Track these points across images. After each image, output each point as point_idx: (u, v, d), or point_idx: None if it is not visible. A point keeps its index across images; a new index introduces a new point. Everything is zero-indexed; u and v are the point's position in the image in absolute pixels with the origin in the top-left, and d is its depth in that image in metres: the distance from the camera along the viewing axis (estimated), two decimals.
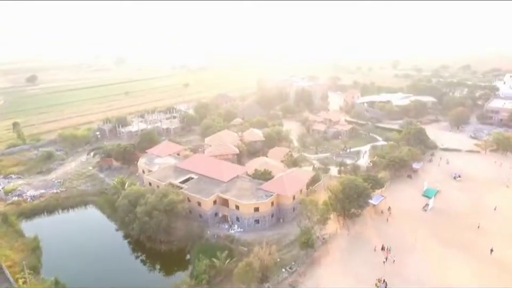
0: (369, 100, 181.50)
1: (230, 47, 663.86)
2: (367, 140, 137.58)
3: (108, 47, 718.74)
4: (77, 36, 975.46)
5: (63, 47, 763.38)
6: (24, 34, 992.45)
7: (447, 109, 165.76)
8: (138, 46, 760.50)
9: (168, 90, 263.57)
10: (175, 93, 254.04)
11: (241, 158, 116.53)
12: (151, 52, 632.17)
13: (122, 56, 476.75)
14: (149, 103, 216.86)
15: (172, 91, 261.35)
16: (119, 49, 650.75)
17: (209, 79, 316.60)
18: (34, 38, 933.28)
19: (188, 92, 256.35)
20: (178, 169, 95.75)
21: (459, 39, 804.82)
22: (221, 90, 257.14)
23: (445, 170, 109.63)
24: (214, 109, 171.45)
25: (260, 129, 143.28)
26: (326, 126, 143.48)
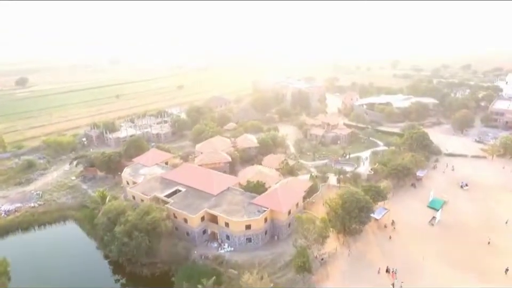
0: (368, 102, 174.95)
1: (228, 47, 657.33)
2: (367, 145, 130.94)
3: (106, 47, 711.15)
4: (75, 36, 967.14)
5: (60, 47, 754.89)
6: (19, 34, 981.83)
7: (450, 110, 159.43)
8: (136, 46, 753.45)
9: (163, 93, 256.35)
10: (169, 95, 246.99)
11: (234, 166, 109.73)
12: (149, 52, 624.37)
13: (119, 57, 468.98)
14: (141, 107, 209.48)
15: (166, 93, 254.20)
16: (117, 50, 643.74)
17: (205, 81, 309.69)
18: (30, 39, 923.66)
19: (183, 94, 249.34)
20: (164, 181, 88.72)
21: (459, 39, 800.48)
22: (217, 92, 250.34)
23: (450, 178, 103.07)
24: (207, 112, 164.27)
25: (254, 134, 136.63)
26: (324, 131, 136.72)
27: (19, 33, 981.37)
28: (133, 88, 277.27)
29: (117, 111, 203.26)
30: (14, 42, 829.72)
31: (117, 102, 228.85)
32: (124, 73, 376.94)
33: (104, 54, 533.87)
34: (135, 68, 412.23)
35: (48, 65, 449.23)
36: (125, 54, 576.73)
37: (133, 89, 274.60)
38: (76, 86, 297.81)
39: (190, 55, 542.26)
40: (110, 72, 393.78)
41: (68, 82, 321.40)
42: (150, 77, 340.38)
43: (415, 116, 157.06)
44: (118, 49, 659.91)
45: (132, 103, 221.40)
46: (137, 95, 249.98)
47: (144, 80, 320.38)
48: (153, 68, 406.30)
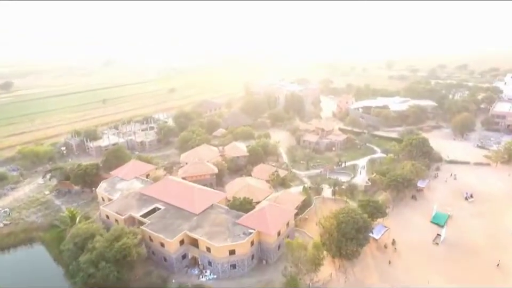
0: (364, 105, 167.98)
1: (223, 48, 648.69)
2: (364, 152, 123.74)
3: (100, 48, 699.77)
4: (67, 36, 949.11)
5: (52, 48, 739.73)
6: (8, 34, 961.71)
7: (449, 113, 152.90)
8: (130, 47, 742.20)
9: (153, 96, 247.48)
10: (160, 98, 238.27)
11: (222, 177, 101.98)
12: (143, 53, 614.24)
13: (113, 58, 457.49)
14: (129, 111, 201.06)
15: (157, 97, 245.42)
16: (111, 51, 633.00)
17: (199, 83, 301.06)
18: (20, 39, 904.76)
19: (174, 97, 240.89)
20: (143, 197, 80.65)
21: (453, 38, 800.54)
22: (209, 95, 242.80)
23: (453, 188, 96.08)
24: (196, 117, 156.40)
25: (245, 141, 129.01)
26: (318, 137, 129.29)
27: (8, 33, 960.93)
28: (123, 92, 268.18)
29: (103, 116, 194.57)
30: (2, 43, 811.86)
31: (105, 107, 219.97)
32: (116, 75, 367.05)
33: (98, 55, 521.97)
34: (128, 69, 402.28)
35: (37, 68, 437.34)
36: (119, 55, 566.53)
37: (123, 92, 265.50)
38: (65, 90, 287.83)
39: (184, 56, 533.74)
40: (102, 74, 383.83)
41: (57, 86, 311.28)
42: (142, 79, 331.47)
43: (413, 119, 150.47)
44: (112, 50, 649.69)
45: (120, 108, 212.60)
46: (126, 98, 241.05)
47: (136, 83, 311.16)
48: (147, 69, 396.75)
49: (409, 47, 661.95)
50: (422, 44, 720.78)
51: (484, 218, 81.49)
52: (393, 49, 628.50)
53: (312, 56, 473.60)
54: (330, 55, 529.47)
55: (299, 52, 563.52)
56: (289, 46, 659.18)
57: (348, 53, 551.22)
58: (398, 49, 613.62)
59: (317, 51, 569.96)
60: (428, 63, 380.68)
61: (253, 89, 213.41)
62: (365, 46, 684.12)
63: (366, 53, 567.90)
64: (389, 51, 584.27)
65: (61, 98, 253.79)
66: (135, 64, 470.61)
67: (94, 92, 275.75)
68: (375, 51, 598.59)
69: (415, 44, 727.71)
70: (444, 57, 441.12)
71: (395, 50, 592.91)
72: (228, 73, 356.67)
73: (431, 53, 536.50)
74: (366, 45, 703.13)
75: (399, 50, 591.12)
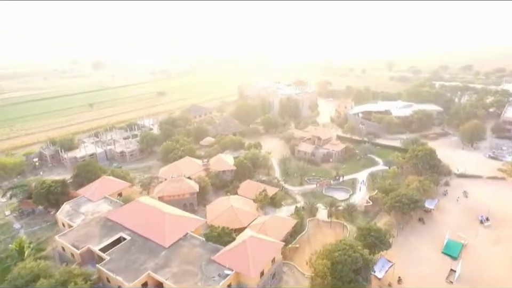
0: (364, 110, 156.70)
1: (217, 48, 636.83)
2: (364, 163, 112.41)
3: (90, 48, 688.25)
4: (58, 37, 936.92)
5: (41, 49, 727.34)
6: None
7: (456, 118, 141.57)
8: (121, 48, 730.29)
9: (142, 100, 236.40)
10: (148, 102, 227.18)
11: (205, 195, 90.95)
12: (135, 55, 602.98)
13: (103, 60, 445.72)
14: (114, 116, 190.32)
15: (146, 100, 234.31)
16: (101, 52, 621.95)
17: (190, 85, 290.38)
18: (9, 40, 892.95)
19: (163, 101, 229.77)
20: (108, 224, 69.51)
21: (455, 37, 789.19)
22: (200, 98, 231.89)
23: (466, 208, 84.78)
24: (183, 124, 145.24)
25: (234, 151, 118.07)
26: (314, 147, 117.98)
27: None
28: (113, 94, 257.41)
29: (88, 121, 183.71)
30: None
31: (92, 111, 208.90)
32: (108, 77, 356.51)
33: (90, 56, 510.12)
34: (120, 71, 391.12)
35: (27, 70, 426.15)
36: (111, 56, 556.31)
37: (113, 95, 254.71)
38: (52, 93, 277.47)
39: (179, 57, 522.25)
40: (93, 76, 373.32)
41: (45, 89, 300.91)
42: (134, 81, 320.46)
43: (417, 125, 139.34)
44: (105, 51, 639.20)
45: (107, 112, 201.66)
46: (115, 102, 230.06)
47: (127, 85, 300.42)
48: (140, 71, 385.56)
49: (409, 46, 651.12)
50: (422, 43, 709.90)
51: (504, 246, 70.33)
52: (392, 48, 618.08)
53: (310, 56, 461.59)
54: (328, 55, 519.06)
55: (296, 52, 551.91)
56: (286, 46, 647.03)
57: (346, 53, 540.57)
58: (397, 49, 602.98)
59: (314, 51, 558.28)
60: (429, 64, 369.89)
61: (247, 92, 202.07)
62: (363, 45, 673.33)
63: (365, 52, 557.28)
64: (388, 50, 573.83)
65: (47, 102, 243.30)
66: (128, 65, 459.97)
67: (83, 94, 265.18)
68: (374, 50, 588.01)
69: (415, 42, 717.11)
70: (445, 57, 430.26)
71: (395, 50, 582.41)
72: (222, 75, 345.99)
73: (432, 53, 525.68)
74: (365, 44, 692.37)
75: (398, 50, 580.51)
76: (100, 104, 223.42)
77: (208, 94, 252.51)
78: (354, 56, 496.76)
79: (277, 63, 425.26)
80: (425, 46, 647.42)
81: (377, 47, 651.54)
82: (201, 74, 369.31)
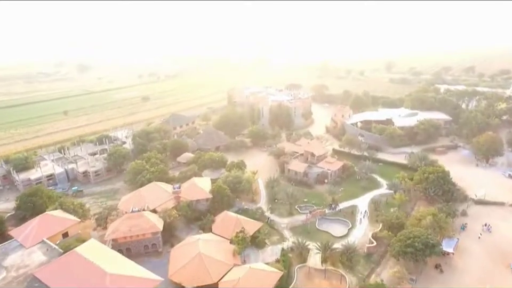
0: (363, 119, 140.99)
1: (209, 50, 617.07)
2: (365, 185, 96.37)
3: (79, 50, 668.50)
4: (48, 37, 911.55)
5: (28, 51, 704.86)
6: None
7: (466, 128, 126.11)
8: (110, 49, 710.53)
9: (122, 106, 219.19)
10: (129, 109, 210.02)
11: (173, 231, 74.94)
12: (122, 56, 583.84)
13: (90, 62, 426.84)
14: (88, 126, 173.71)
15: (127, 107, 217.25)
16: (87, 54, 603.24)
17: (177, 90, 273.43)
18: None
19: (145, 107, 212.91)
20: (33, 286, 53.08)
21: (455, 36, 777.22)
22: (185, 105, 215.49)
23: (492, 248, 69.09)
24: (161, 137, 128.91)
25: (215, 170, 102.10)
26: (307, 166, 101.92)
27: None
28: (92, 100, 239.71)
29: (57, 132, 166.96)
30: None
31: (66, 119, 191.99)
32: (92, 80, 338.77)
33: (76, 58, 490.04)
34: (105, 74, 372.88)
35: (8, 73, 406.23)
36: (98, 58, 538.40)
37: (92, 101, 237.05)
38: (29, 98, 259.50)
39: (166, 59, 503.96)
40: (76, 80, 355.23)
41: (22, 94, 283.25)
42: (118, 85, 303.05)
43: (423, 137, 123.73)
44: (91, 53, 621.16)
45: (81, 121, 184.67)
46: (92, 109, 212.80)
47: (110, 90, 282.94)
48: (126, 73, 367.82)
49: (407, 45, 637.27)
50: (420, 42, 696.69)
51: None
52: (391, 47, 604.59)
53: (305, 57, 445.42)
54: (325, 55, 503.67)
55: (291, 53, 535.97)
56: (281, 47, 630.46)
57: (343, 53, 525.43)
58: (396, 48, 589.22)
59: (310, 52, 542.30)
60: (428, 63, 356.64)
61: (236, 98, 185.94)
62: (361, 45, 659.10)
63: (362, 52, 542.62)
64: (386, 50, 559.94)
65: (22, 108, 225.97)
66: (116, 67, 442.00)
67: (62, 100, 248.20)
68: (372, 50, 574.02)
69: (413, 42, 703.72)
70: (445, 57, 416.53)
71: (393, 49, 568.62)
72: (213, 78, 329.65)
73: (431, 52, 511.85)
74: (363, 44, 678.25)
75: (397, 49, 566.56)
76: (77, 111, 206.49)
77: (196, 98, 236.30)
78: (351, 56, 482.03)
79: (271, 64, 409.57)
80: (424, 45, 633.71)
81: (375, 47, 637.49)
82: (192, 77, 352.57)
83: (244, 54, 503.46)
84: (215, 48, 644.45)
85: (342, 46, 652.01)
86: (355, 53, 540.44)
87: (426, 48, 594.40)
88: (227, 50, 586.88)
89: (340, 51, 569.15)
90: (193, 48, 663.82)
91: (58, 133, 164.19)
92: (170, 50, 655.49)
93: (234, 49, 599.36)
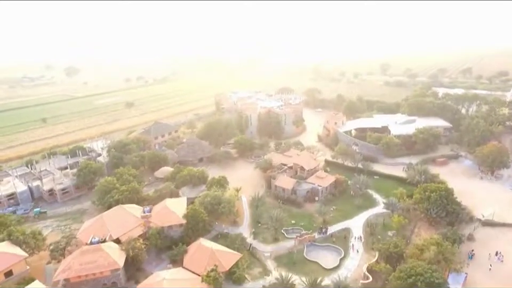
0: (358, 126, 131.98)
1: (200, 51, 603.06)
2: (360, 203, 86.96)
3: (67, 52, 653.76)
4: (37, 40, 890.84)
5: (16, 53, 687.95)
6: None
7: (467, 135, 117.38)
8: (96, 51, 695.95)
9: (106, 112, 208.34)
10: (113, 116, 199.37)
11: (139, 265, 65.00)
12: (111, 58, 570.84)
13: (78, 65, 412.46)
14: (66, 135, 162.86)
15: (111, 113, 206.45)
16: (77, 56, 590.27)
17: (164, 95, 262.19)
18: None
19: (129, 114, 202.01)
20: None
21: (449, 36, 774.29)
22: (172, 111, 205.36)
23: (505, 281, 59.88)
24: (139, 148, 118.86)
25: (194, 187, 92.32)
26: (296, 182, 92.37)
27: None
28: (74, 107, 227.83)
29: (36, 141, 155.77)
30: None
31: (45, 127, 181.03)
32: (77, 85, 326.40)
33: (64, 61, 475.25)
34: (92, 78, 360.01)
35: None
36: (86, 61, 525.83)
37: (74, 107, 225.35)
38: (9, 105, 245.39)
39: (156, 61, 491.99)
40: (62, 84, 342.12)
41: (3, 99, 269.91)
42: (104, 90, 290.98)
43: (422, 146, 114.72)
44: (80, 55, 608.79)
45: (59, 129, 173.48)
46: (72, 116, 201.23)
47: (94, 95, 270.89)
48: (113, 77, 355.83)
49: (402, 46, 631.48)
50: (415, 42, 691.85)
51: None
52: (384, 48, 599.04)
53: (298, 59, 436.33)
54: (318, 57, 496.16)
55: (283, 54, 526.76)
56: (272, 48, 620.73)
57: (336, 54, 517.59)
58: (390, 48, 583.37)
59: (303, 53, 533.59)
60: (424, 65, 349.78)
61: (224, 104, 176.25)
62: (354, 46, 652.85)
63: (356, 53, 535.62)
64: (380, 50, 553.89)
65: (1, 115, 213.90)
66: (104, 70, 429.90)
67: (44, 106, 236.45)
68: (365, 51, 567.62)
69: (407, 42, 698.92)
70: (440, 57, 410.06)
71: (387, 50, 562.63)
72: (204, 81, 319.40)
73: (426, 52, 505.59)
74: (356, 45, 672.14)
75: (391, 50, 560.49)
76: (56, 118, 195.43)
77: (184, 103, 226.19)
78: (345, 57, 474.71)
79: (264, 66, 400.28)
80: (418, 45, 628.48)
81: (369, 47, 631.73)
82: (182, 79, 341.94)
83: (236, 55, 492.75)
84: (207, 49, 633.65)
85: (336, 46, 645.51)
86: (349, 54, 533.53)
87: (420, 48, 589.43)
88: (219, 52, 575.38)
89: (333, 51, 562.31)
90: (183, 49, 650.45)
91: (34, 143, 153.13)
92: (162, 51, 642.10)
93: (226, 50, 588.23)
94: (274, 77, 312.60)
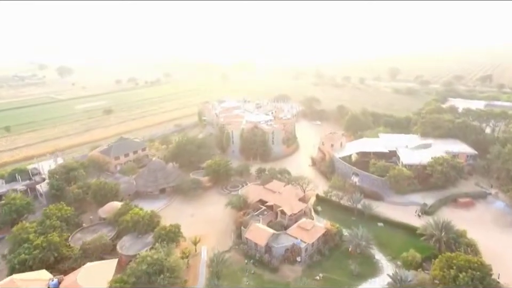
0: (360, 150, 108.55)
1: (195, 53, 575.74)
2: (357, 268, 63.59)
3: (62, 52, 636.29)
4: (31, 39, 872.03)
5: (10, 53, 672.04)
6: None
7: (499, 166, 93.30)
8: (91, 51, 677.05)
9: (81, 120, 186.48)
10: (88, 124, 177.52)
11: None
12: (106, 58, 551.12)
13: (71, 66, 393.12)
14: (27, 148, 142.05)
15: (86, 121, 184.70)
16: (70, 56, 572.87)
17: (151, 100, 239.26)
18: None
19: (107, 122, 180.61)
20: None
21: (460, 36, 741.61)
22: (154, 119, 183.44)
23: None
24: (89, 173, 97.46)
25: (140, 237, 70.51)
26: (271, 234, 69.41)
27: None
28: (50, 111, 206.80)
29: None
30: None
31: (8, 136, 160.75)
32: (65, 86, 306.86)
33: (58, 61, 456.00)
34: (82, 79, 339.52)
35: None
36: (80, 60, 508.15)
37: (50, 112, 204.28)
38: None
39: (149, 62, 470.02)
40: (47, 85, 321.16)
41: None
42: (90, 93, 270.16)
43: (441, 179, 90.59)
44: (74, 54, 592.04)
45: (23, 140, 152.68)
46: (43, 124, 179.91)
47: (77, 98, 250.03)
48: (103, 79, 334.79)
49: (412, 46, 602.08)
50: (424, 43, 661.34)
51: None
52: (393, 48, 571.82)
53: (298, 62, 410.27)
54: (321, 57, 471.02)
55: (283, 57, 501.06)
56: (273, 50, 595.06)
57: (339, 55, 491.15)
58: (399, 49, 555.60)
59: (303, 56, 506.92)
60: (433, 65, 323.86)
61: (206, 115, 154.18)
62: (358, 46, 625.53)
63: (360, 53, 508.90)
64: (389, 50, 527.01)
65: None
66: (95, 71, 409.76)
67: (20, 110, 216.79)
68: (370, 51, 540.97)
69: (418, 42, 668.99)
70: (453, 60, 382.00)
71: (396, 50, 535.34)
72: (196, 84, 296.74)
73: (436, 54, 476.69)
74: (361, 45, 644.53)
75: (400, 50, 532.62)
76: (24, 126, 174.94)
77: (170, 111, 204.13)
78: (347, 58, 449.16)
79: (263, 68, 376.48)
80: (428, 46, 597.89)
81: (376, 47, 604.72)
82: (174, 82, 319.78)
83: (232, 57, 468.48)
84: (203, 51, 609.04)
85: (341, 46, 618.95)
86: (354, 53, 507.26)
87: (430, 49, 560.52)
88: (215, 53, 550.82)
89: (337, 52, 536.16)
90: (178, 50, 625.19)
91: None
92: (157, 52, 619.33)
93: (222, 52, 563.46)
94: (273, 80, 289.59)
